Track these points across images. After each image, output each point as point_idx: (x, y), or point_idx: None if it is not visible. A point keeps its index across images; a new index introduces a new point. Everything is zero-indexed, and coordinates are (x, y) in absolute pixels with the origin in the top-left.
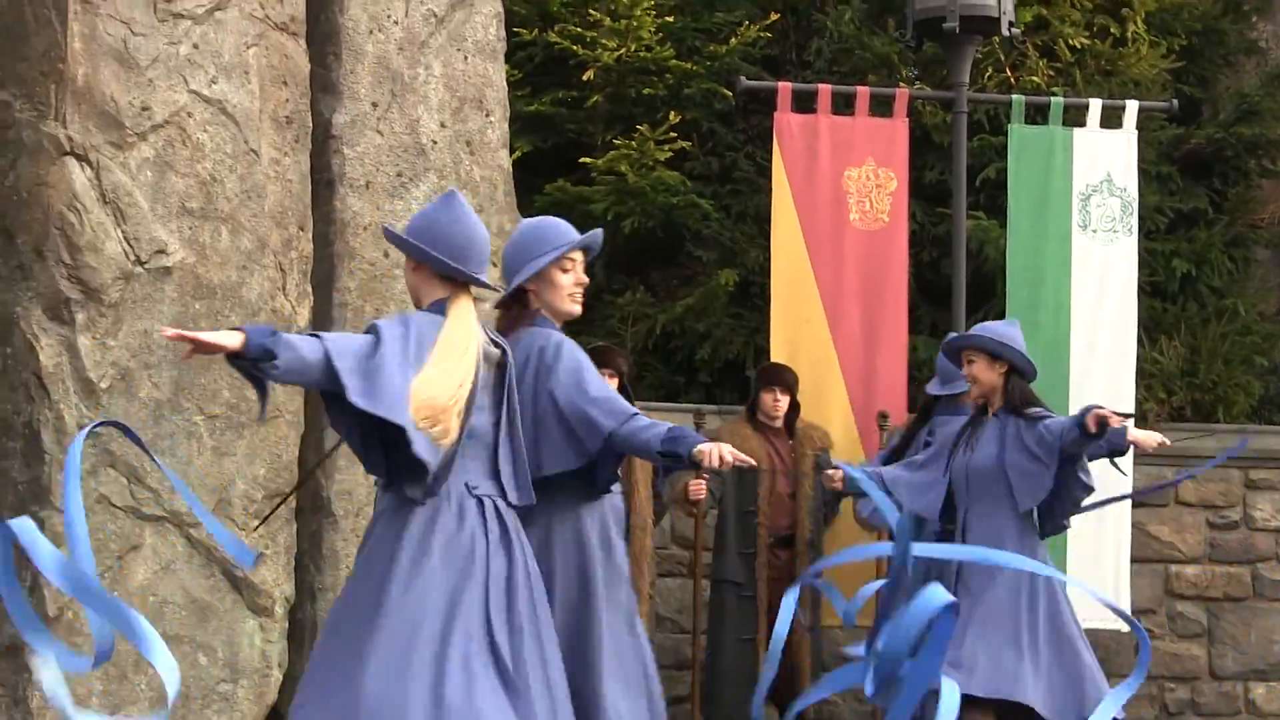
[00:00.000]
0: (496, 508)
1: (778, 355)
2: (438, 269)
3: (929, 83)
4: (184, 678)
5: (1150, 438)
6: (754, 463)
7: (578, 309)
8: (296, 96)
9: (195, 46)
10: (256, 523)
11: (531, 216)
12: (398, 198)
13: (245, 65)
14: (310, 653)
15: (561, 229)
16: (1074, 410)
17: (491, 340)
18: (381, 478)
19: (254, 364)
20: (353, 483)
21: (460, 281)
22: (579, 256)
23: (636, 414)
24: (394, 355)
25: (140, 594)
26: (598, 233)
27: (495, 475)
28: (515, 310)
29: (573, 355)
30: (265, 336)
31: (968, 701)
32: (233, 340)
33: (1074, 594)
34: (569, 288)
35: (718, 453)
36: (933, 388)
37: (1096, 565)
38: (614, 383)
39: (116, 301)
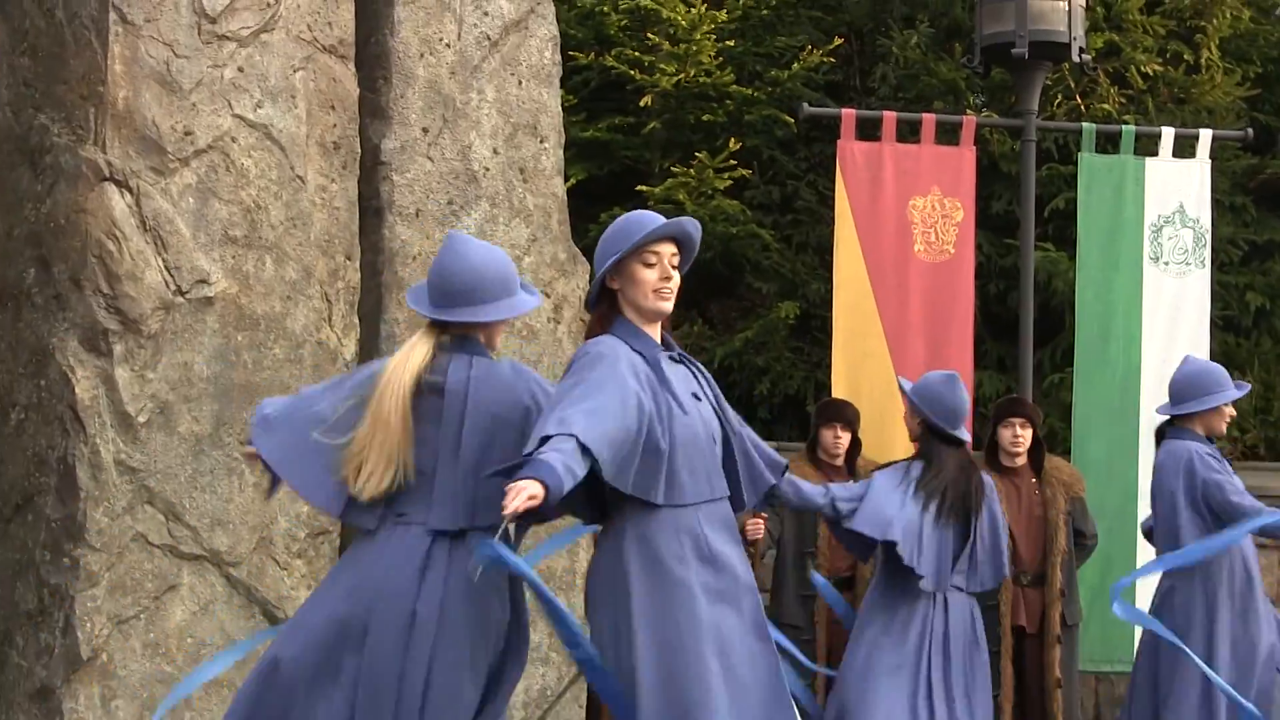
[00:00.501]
0: (430, 535)
1: (839, 391)
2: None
3: (997, 110)
4: None
5: None
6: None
7: (666, 306)
8: (344, 121)
9: (240, 70)
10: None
11: (585, 246)
12: (448, 226)
13: (292, 89)
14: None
15: (645, 220)
16: (1144, 447)
17: (436, 368)
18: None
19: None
20: None
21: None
22: (663, 249)
23: None
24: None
25: (177, 635)
26: (685, 220)
27: (429, 502)
28: (603, 309)
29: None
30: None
31: None
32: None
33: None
34: (654, 283)
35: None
36: None
37: None
38: None
39: (156, 333)
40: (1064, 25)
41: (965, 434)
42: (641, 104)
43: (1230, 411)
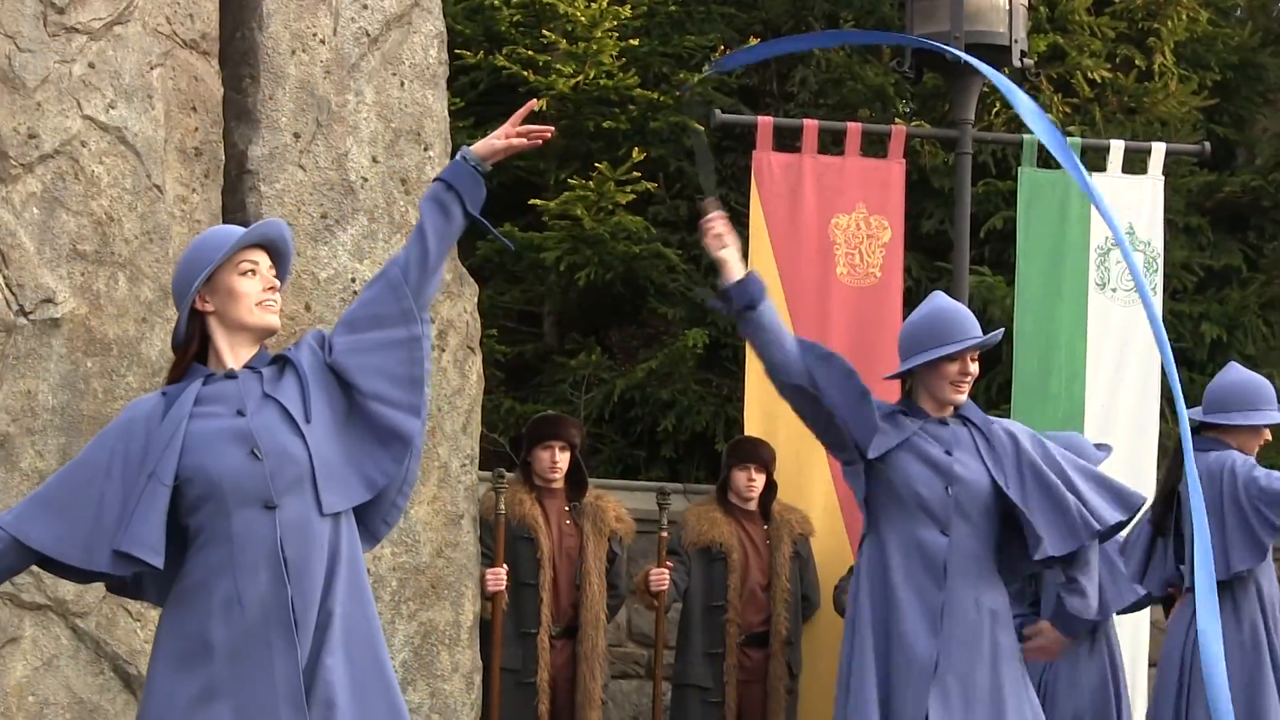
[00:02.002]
0: None
1: (753, 428)
2: None
3: (928, 119)
4: None
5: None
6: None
7: (268, 319)
8: (207, 125)
9: (91, 66)
10: None
11: (472, 265)
12: (322, 242)
13: (148, 88)
14: None
15: (224, 234)
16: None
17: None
18: None
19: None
20: None
21: None
22: (260, 258)
23: None
24: None
25: (17, 694)
26: (270, 223)
27: None
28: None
29: None
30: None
31: None
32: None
33: None
34: (256, 295)
35: None
36: None
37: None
38: (565, 456)
39: None
40: (1004, 26)
41: None
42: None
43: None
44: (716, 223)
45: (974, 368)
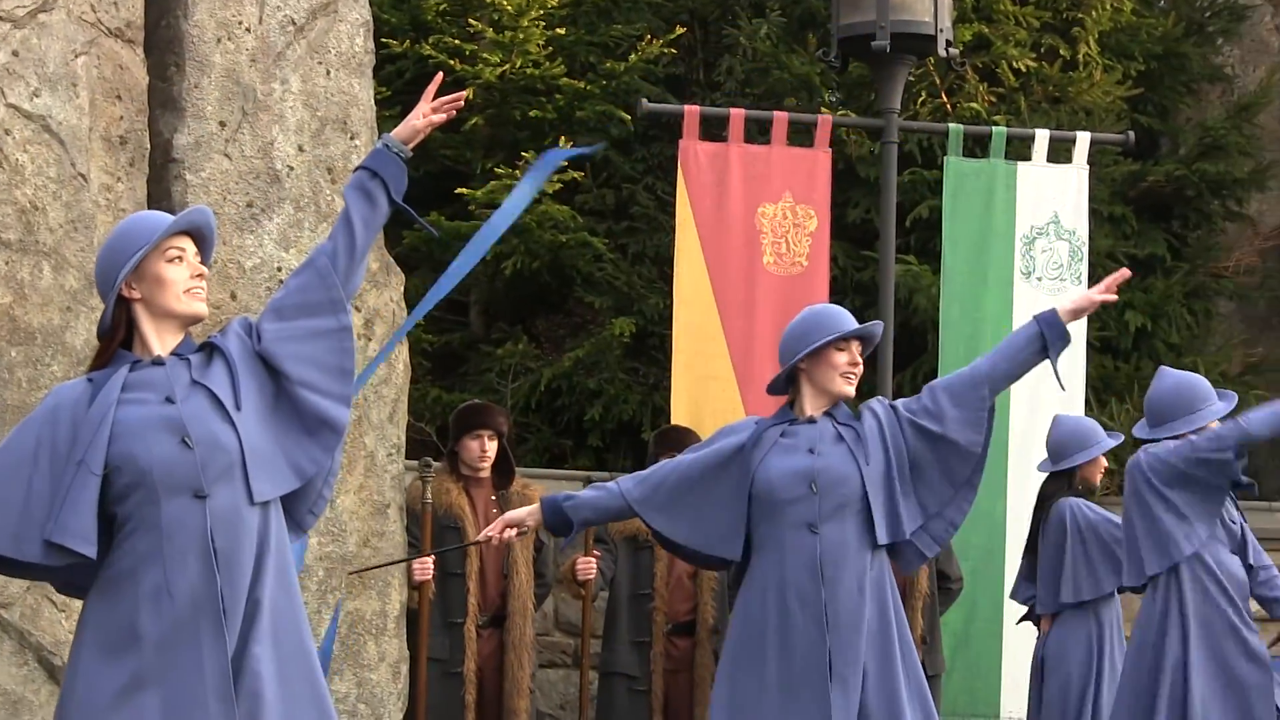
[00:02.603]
0: None
1: (680, 417)
2: None
3: (854, 109)
4: None
5: None
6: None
7: (195, 306)
8: (132, 113)
9: (14, 54)
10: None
11: (399, 255)
12: (248, 231)
13: (73, 76)
14: None
15: (150, 220)
16: (1013, 481)
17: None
18: None
19: None
20: None
21: None
22: (186, 245)
23: None
24: None
25: None
26: (197, 210)
27: None
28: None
29: None
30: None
31: None
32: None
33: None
34: (184, 282)
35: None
36: None
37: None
38: (494, 445)
39: None
40: (929, 16)
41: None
42: (464, 102)
43: (1104, 464)
44: None
45: (860, 361)
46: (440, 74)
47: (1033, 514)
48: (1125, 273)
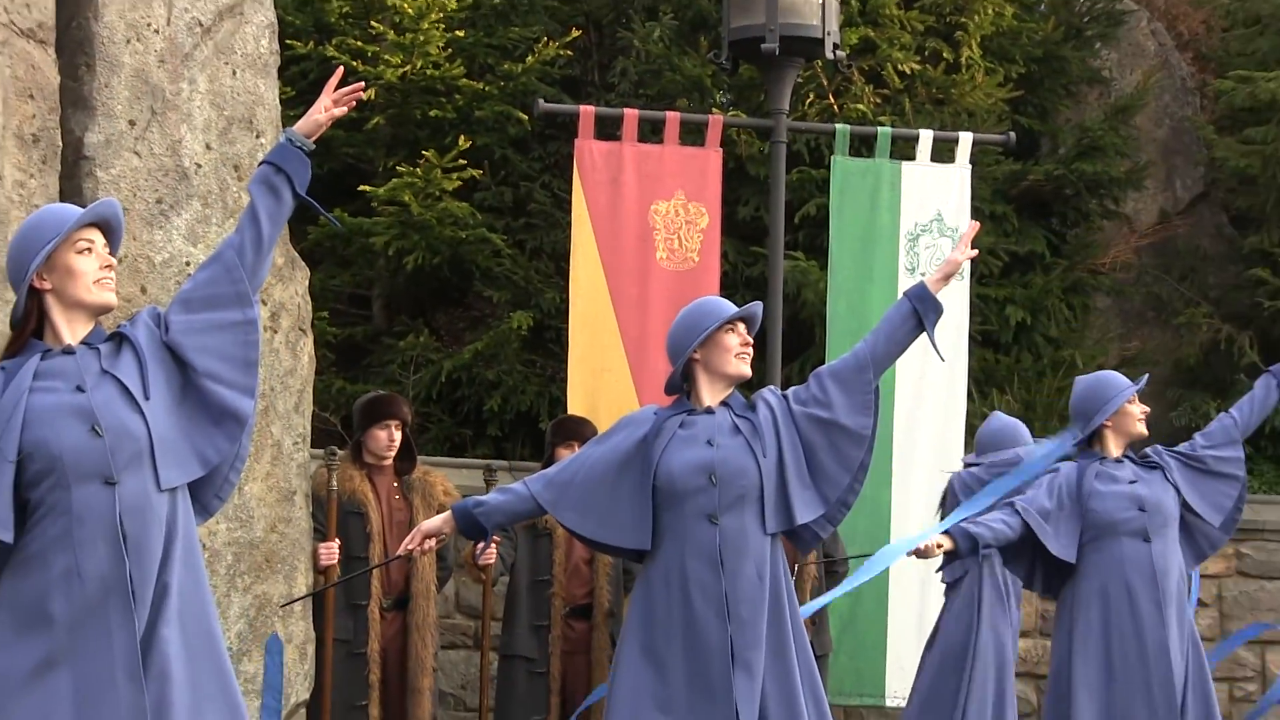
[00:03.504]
0: None
1: (575, 407)
2: None
3: (744, 109)
4: None
5: None
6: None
7: (105, 296)
8: (44, 112)
9: None
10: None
11: (303, 250)
12: (157, 227)
13: None
14: None
15: (60, 213)
16: (898, 470)
17: None
18: None
19: None
20: None
21: None
22: (95, 237)
23: None
24: None
25: None
26: (105, 202)
27: None
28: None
29: None
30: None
31: None
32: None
33: (898, 666)
34: (94, 273)
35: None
36: None
37: (920, 623)
38: (399, 434)
39: None
40: (817, 19)
41: None
42: (364, 97)
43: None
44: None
45: (750, 341)
46: (341, 69)
47: None
48: (976, 225)
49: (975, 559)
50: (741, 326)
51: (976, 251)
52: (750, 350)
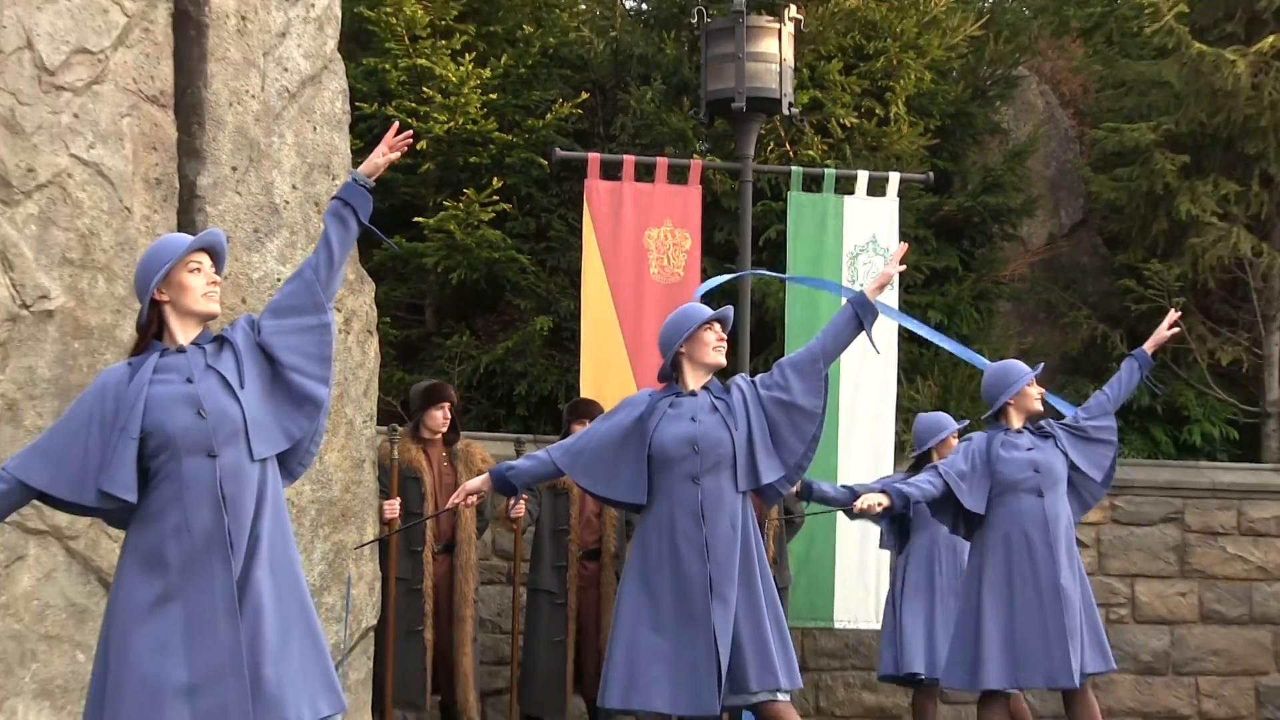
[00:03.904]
0: None
1: (586, 391)
2: None
3: (719, 155)
4: (64, 673)
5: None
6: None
7: (210, 306)
8: (165, 161)
9: (75, 116)
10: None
11: (370, 268)
12: (254, 251)
13: (120, 133)
14: None
15: (175, 241)
16: (842, 440)
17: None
18: None
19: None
20: None
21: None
22: (204, 259)
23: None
24: None
25: (24, 599)
26: (211, 232)
27: None
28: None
29: None
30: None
31: None
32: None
33: (843, 596)
34: (202, 288)
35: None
36: None
37: (860, 562)
38: (449, 414)
39: (4, 341)
40: (775, 84)
41: None
42: (418, 148)
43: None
44: None
45: (724, 337)
46: (396, 124)
47: None
48: (904, 246)
49: (908, 513)
50: (717, 326)
51: (905, 266)
52: (724, 344)
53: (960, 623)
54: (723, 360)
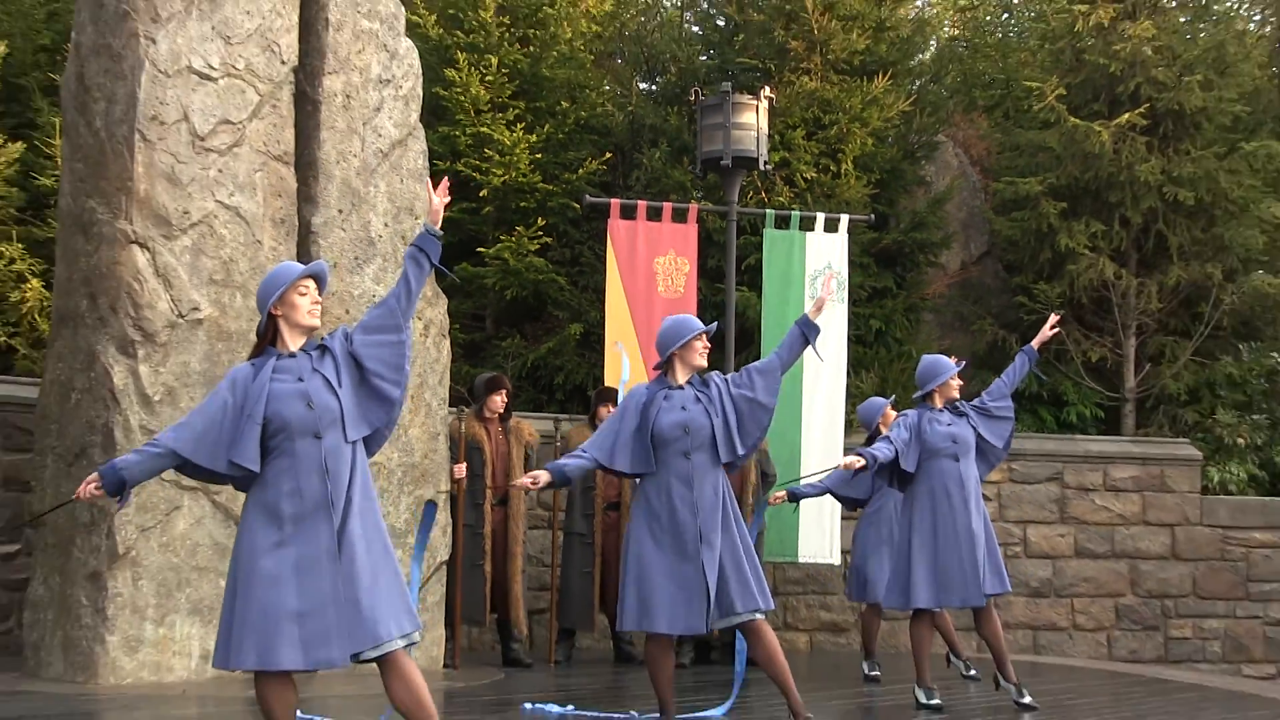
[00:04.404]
0: None
1: (609, 382)
2: None
3: (711, 200)
4: (210, 595)
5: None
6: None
7: (314, 321)
8: (287, 205)
9: (220, 171)
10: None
11: (444, 288)
12: (355, 274)
13: (253, 184)
14: None
15: (294, 266)
16: (807, 421)
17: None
18: None
19: None
20: None
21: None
22: (310, 284)
23: None
24: None
25: (180, 539)
26: (319, 263)
27: None
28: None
29: None
30: None
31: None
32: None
33: (805, 536)
34: (308, 306)
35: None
36: None
37: (819, 511)
38: (506, 399)
39: (166, 343)
40: (754, 146)
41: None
42: (480, 195)
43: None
44: None
45: (710, 344)
46: (446, 178)
47: None
48: (832, 286)
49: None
50: (705, 337)
51: (833, 291)
52: (708, 349)
53: (896, 558)
54: (705, 363)
